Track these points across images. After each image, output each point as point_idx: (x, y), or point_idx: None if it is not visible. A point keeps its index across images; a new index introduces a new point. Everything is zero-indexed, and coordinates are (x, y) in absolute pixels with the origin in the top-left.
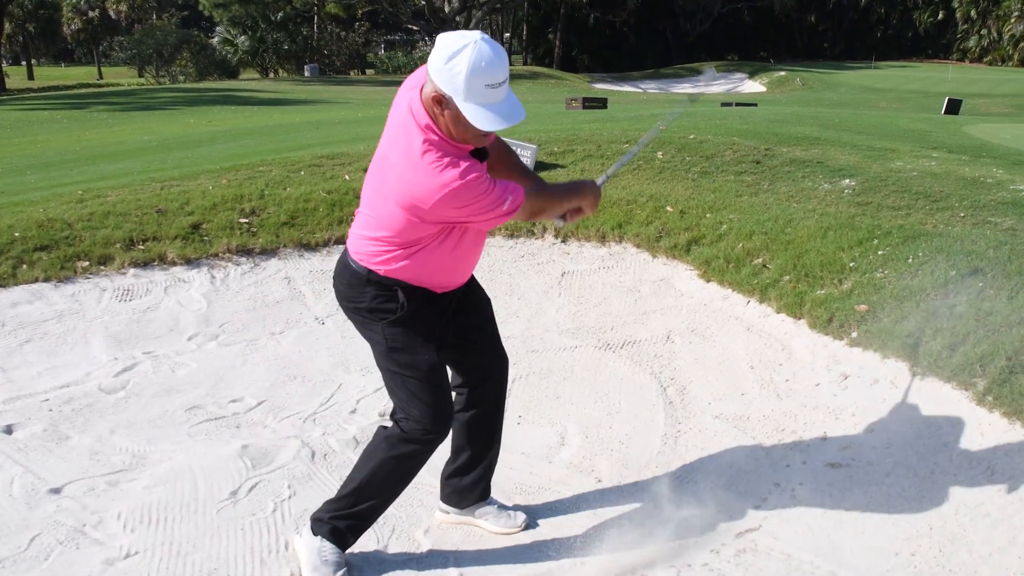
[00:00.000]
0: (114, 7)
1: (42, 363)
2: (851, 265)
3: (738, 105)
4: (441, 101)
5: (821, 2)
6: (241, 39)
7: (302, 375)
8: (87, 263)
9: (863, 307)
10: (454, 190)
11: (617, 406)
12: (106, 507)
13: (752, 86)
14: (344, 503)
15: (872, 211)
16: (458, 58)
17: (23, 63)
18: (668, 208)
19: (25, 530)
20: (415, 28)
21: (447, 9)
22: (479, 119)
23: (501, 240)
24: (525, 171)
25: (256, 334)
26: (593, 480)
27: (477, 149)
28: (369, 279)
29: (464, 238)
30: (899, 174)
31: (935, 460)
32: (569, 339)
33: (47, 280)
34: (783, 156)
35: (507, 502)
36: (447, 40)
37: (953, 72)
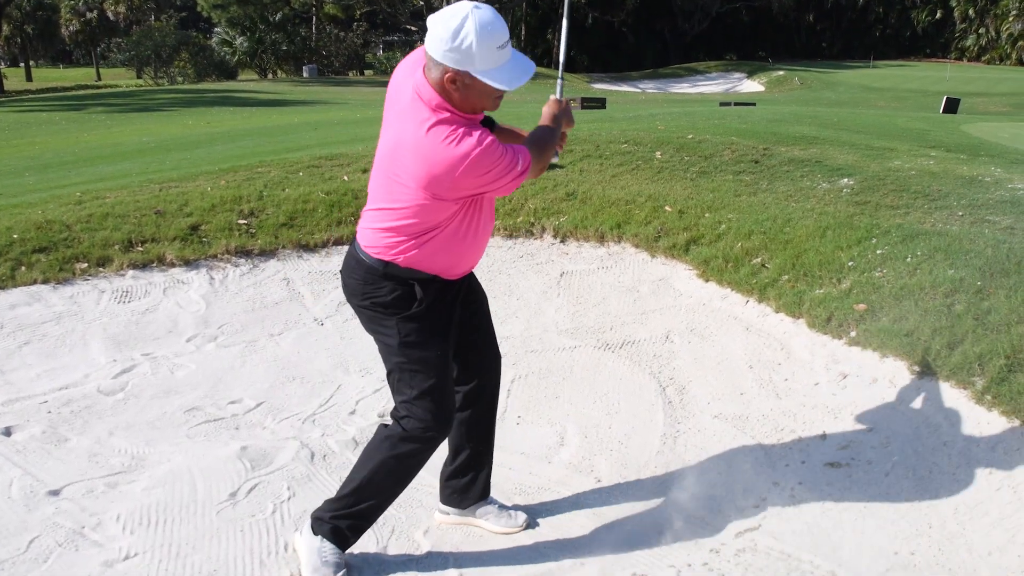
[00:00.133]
0: (112, 8)
1: (41, 365)
2: (850, 264)
3: (736, 105)
4: (455, 80)
5: (819, 1)
6: (239, 40)
7: (301, 376)
8: (86, 265)
9: (862, 306)
10: (475, 158)
11: (616, 406)
12: (105, 509)
13: (750, 85)
14: (344, 502)
15: (871, 210)
16: (463, 32)
17: (21, 64)
18: (667, 208)
19: (24, 532)
20: (413, 29)
21: None
22: (500, 81)
23: (500, 240)
24: (511, 130)
25: (255, 335)
26: (593, 480)
27: (486, 118)
28: (386, 273)
29: (478, 216)
30: (897, 173)
31: (934, 459)
32: (568, 339)
33: (46, 282)
34: (782, 155)
35: (507, 502)
36: (443, 19)
37: (951, 71)
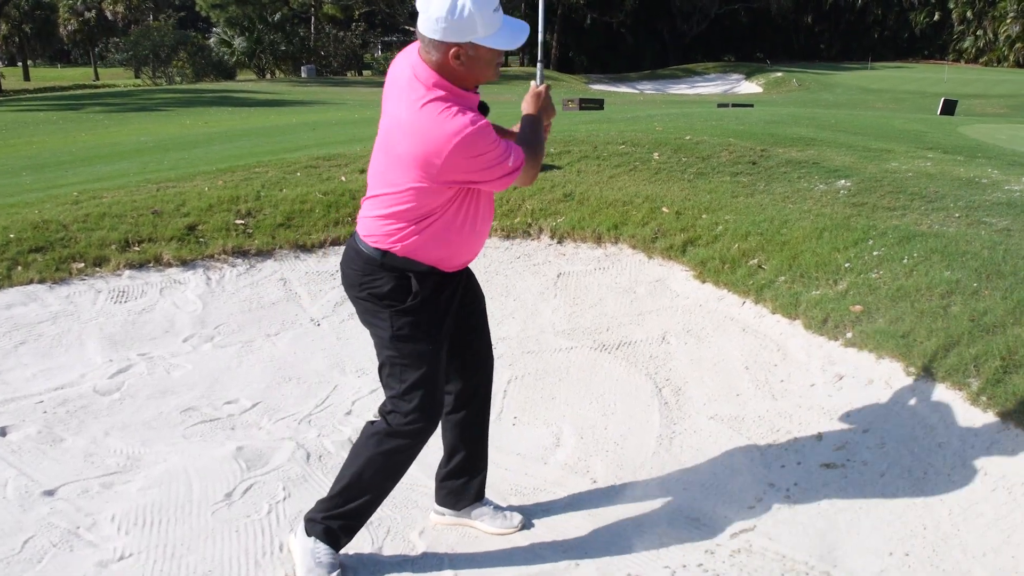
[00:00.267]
0: (111, 8)
1: (36, 365)
2: (846, 266)
3: (734, 106)
4: (460, 54)
5: (818, 3)
6: (238, 40)
7: (297, 377)
8: (82, 264)
9: (858, 308)
10: (466, 137)
11: (612, 407)
12: (100, 509)
13: (749, 87)
14: (335, 502)
15: (867, 212)
16: (459, 3)
17: (19, 64)
18: (664, 209)
19: (19, 532)
20: (412, 29)
21: None
22: (502, 42)
23: (497, 241)
24: (502, 129)
25: (251, 336)
26: (588, 481)
27: (481, 104)
28: (383, 263)
29: (476, 206)
30: (895, 175)
31: (929, 460)
32: (565, 340)
33: (42, 282)
34: (779, 157)
35: (502, 503)
36: None
37: (949, 73)
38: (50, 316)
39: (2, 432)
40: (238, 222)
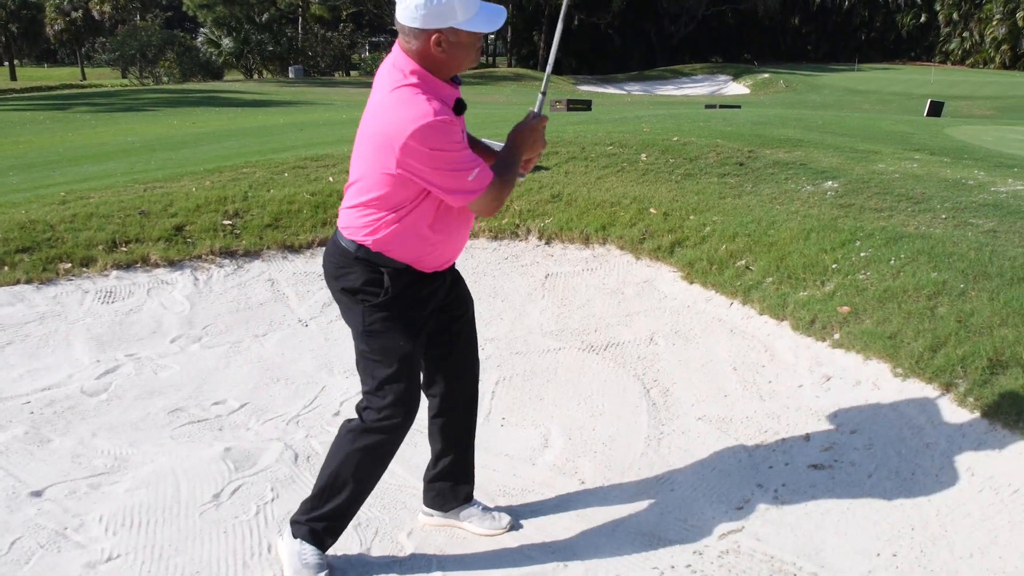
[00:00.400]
0: (97, 8)
1: (23, 365)
2: (833, 267)
3: (722, 107)
4: (441, 40)
5: (805, 4)
6: (225, 40)
7: (285, 377)
8: (69, 265)
9: (845, 308)
10: (427, 125)
11: (600, 408)
12: (88, 510)
13: (736, 88)
14: (316, 503)
15: (855, 213)
16: None
17: (5, 64)
18: (652, 210)
19: (6, 533)
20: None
21: None
22: (482, 24)
23: (485, 242)
24: (486, 148)
25: (239, 336)
26: (576, 482)
27: (458, 103)
28: (357, 256)
29: (450, 207)
30: (881, 176)
31: (917, 461)
32: (553, 341)
33: (29, 282)
34: (766, 158)
35: (490, 504)
36: None
37: (936, 74)
38: (37, 316)
39: None
40: (226, 223)
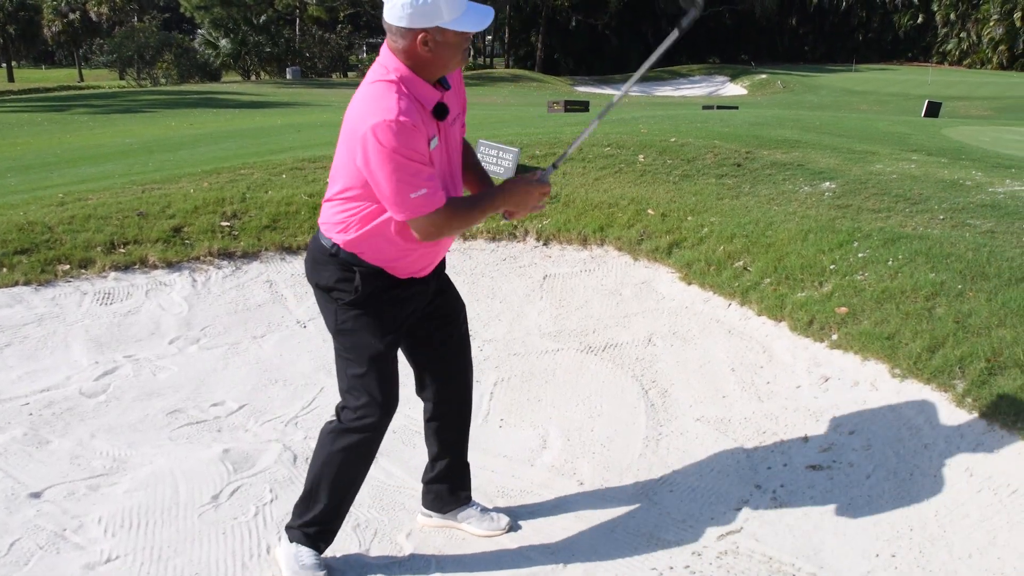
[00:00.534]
0: (95, 9)
1: (22, 367)
2: (831, 267)
3: (719, 108)
4: (428, 40)
5: (802, 5)
6: (223, 42)
7: (284, 379)
8: (68, 266)
9: (843, 309)
10: (386, 122)
11: (599, 409)
12: (87, 511)
13: (733, 89)
14: (306, 508)
15: (852, 214)
16: None
17: (3, 66)
18: (649, 211)
19: (5, 535)
20: None
21: None
22: (468, 24)
23: (483, 243)
24: (479, 171)
25: (237, 337)
26: (575, 483)
27: (439, 107)
28: (331, 253)
29: None
30: (879, 177)
31: (915, 462)
32: (551, 342)
33: (27, 283)
34: (764, 159)
35: (489, 505)
36: None
37: (933, 75)
38: (35, 318)
39: None
40: (224, 224)
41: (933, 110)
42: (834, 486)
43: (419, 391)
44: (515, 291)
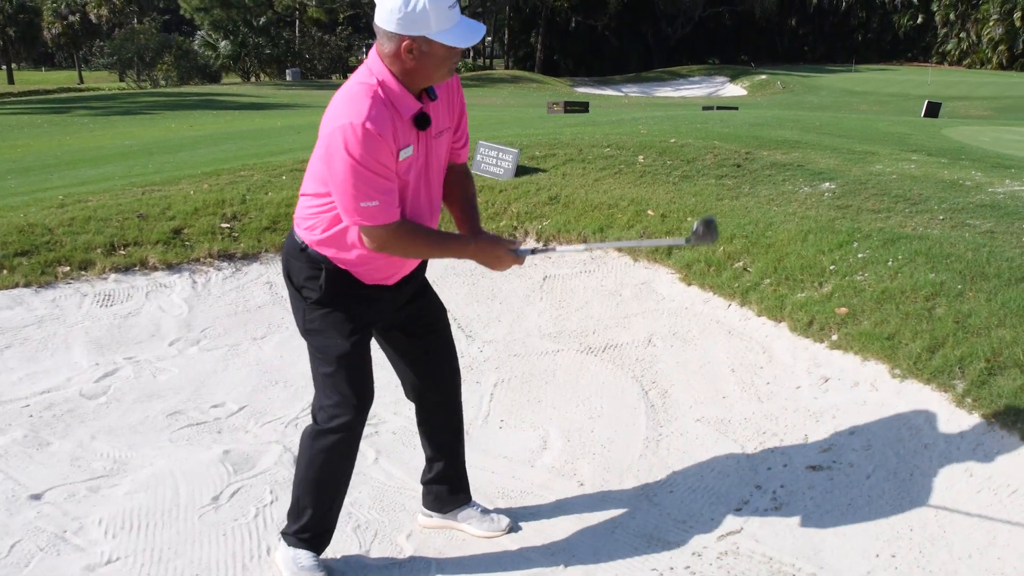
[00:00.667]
0: (95, 11)
1: (22, 369)
2: (831, 268)
3: (719, 109)
4: (412, 48)
5: (802, 5)
6: (223, 43)
7: (284, 380)
8: (68, 268)
9: (843, 310)
10: (351, 125)
11: (599, 410)
12: (87, 513)
13: (733, 89)
14: (297, 513)
15: (852, 214)
16: None
17: (3, 68)
18: (649, 212)
19: (5, 536)
20: None
21: None
22: (456, 39)
23: None
24: (469, 209)
25: (238, 339)
26: (575, 484)
27: (420, 117)
28: (301, 249)
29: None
30: (879, 177)
31: (915, 462)
32: (551, 343)
33: (27, 285)
34: (764, 159)
35: (489, 506)
36: None
37: (933, 75)
38: (36, 320)
39: None
40: (224, 225)
41: (933, 110)
42: (834, 486)
43: (408, 396)
44: (515, 292)
